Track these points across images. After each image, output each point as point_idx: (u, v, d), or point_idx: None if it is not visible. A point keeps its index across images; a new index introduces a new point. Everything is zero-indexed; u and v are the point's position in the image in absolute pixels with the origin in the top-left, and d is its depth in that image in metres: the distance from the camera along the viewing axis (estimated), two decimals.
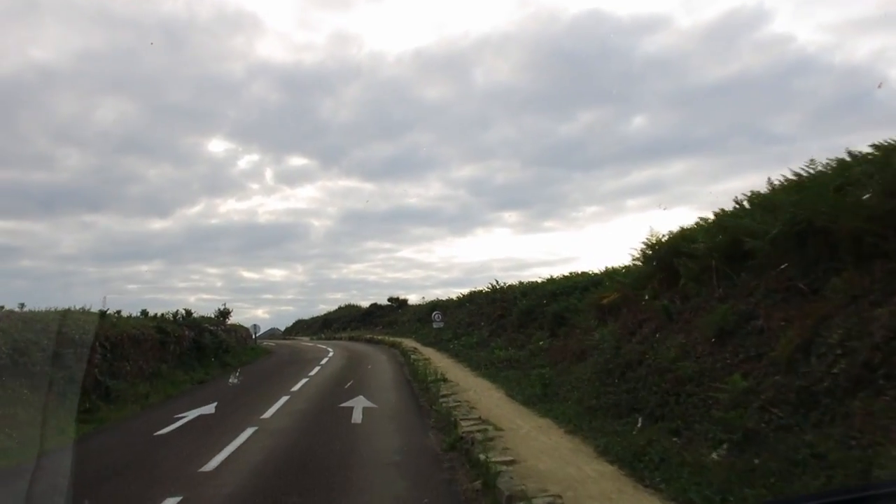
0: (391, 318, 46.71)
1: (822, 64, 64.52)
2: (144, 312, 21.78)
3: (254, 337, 30.29)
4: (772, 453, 5.24)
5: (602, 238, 78.71)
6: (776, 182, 8.59)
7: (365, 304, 55.46)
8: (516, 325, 22.03)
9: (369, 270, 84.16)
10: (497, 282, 30.25)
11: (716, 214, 9.79)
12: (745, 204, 9.10)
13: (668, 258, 10.51)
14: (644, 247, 12.01)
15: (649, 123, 71.83)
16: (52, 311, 12.74)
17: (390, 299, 52.60)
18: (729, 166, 67.08)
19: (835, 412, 5.07)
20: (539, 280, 25.93)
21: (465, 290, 35.33)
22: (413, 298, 50.58)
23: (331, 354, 26.59)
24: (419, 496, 6.33)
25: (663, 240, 11.31)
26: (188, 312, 22.16)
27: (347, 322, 53.93)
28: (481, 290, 32.32)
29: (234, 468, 7.62)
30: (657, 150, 69.81)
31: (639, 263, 12.60)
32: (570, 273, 23.91)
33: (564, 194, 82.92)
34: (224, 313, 38.89)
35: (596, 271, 20.96)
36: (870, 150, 6.83)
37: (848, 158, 7.13)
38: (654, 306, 9.96)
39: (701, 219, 10.35)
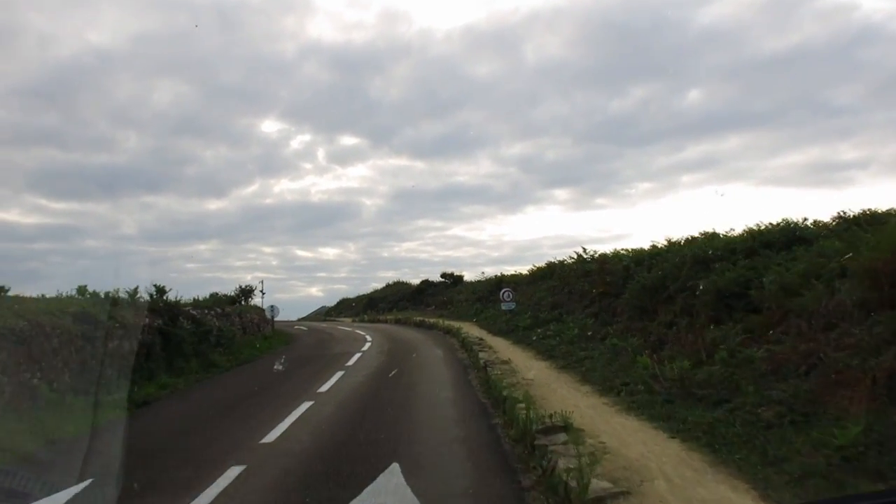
0: (445, 296, 39.85)
1: (889, 32, 59.41)
2: (160, 290, 15.52)
3: (270, 321, 23.87)
4: None
5: (655, 215, 76.70)
6: None
7: (415, 281, 48.96)
8: (635, 309, 14.69)
9: (420, 248, 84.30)
10: (585, 250, 22.83)
11: None
12: None
13: None
14: None
15: (704, 97, 69.89)
16: None
17: (444, 275, 45.79)
18: (788, 140, 65.12)
19: None
20: (649, 246, 18.47)
21: (522, 266, 28.03)
22: (466, 275, 43.80)
23: (366, 346, 19.82)
24: None
25: None
26: (160, 290, 15.65)
27: (395, 301, 47.42)
28: (563, 262, 25.00)
29: None
30: (712, 125, 67.85)
31: None
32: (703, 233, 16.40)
33: (616, 171, 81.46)
34: (246, 292, 33.09)
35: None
36: None
37: None
38: None
39: None
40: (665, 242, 17.55)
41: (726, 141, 69.65)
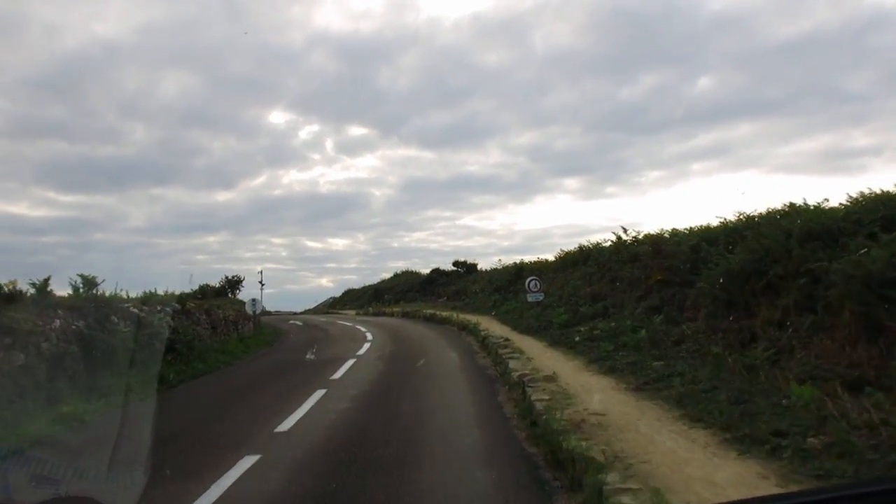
0: (457, 286, 36.06)
1: None
2: (88, 282, 11.98)
3: (252, 317, 20.16)
4: None
5: (665, 203, 75.93)
6: None
7: (425, 270, 45.21)
8: (718, 302, 10.87)
9: (430, 238, 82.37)
10: (625, 231, 18.95)
11: None
12: None
13: None
14: None
15: (715, 85, 68.06)
16: None
17: (456, 263, 41.95)
18: (800, 127, 64.06)
19: None
20: (703, 225, 14.62)
21: (531, 255, 24.24)
22: (480, 264, 40.03)
23: (364, 349, 16.12)
24: None
25: None
26: (88, 282, 11.93)
27: (403, 292, 43.68)
28: (598, 245, 21.16)
29: None
30: (723, 113, 66.19)
31: None
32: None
33: (626, 159, 79.58)
34: (233, 283, 29.48)
35: None
36: None
37: None
38: None
39: None
40: (736, 217, 13.63)
41: (737, 128, 68.51)
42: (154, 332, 12.60)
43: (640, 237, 17.37)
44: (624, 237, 18.90)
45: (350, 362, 13.46)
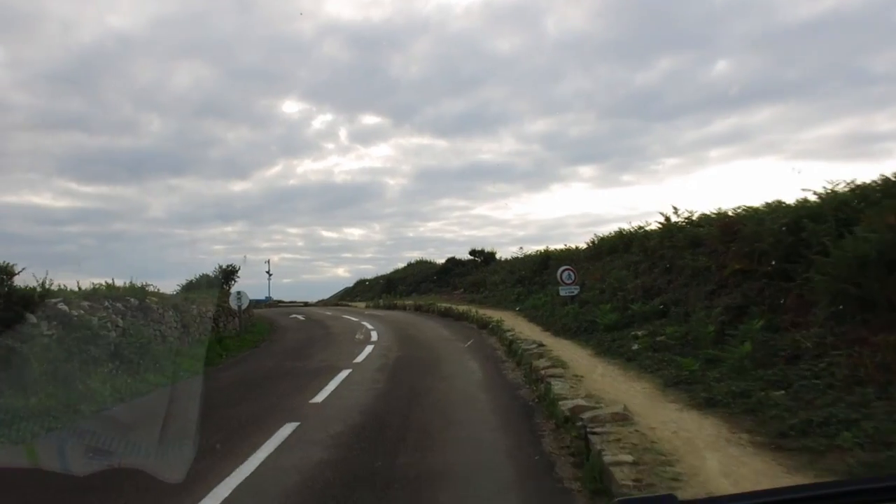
0: (475, 277, 33.05)
1: None
2: (4, 271, 9.26)
3: (238, 313, 17.23)
4: None
5: (683, 191, 75.21)
6: None
7: (440, 260, 42.28)
8: (849, 300, 7.79)
9: (445, 228, 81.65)
10: (676, 210, 15.85)
11: None
12: None
13: None
14: None
15: (733, 68, 65.45)
16: None
17: (473, 252, 38.96)
18: (822, 111, 61.92)
19: None
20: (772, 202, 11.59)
21: (542, 245, 21.22)
22: (499, 253, 37.09)
23: (364, 356, 13.18)
24: None
25: None
26: (4, 270, 9.12)
27: (417, 283, 40.82)
28: (640, 228, 18.05)
29: None
30: (741, 97, 63.64)
31: None
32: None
33: (642, 146, 76.77)
34: (227, 273, 26.72)
35: None
36: None
37: None
38: None
39: None
40: (845, 187, 10.46)
41: (756, 113, 65.97)
42: (90, 335, 9.78)
43: (695, 218, 14.26)
44: (675, 218, 15.84)
45: (343, 375, 10.56)
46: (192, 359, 12.22)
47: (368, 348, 14.18)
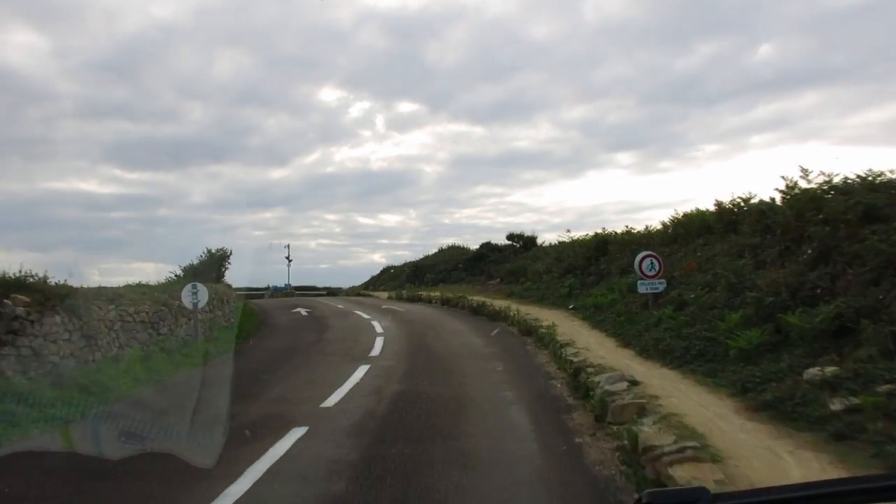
0: (513, 264, 28.12)
1: None
2: None
3: (193, 313, 12.42)
4: None
5: (723, 178, 73.51)
6: None
7: (474, 246, 37.50)
8: None
9: (481, 215, 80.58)
10: (805, 173, 10.77)
11: None
12: None
13: None
14: None
15: (777, 53, 63.77)
16: None
17: (511, 237, 34.03)
18: (870, 95, 58.06)
19: None
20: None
21: (576, 232, 16.13)
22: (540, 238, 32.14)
23: (357, 379, 8.51)
24: None
25: None
26: None
27: (448, 271, 36.11)
28: (747, 201, 12.97)
29: None
30: (786, 82, 61.55)
31: None
32: None
33: (682, 133, 75.52)
34: (218, 258, 22.43)
35: None
36: None
37: None
38: None
39: None
40: None
41: (801, 98, 64.47)
42: None
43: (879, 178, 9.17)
44: (807, 184, 10.79)
45: (283, 446, 5.96)
46: (58, 405, 7.62)
47: (360, 372, 9.56)
